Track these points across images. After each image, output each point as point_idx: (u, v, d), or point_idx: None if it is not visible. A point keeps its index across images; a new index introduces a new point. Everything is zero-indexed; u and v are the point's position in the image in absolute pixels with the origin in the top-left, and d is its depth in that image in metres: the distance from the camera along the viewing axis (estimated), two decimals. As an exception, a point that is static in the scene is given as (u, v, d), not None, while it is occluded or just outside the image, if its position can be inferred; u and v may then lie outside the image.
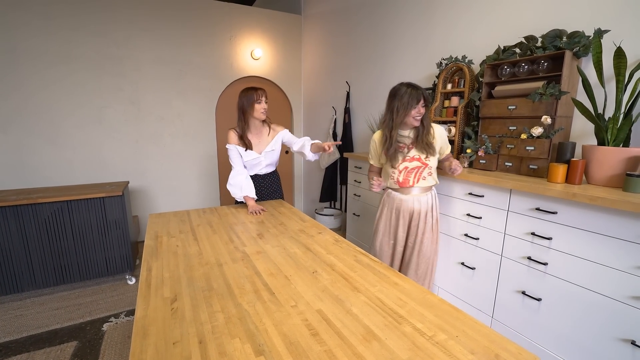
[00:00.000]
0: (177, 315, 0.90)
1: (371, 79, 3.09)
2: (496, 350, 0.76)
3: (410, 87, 1.61)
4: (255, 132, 2.01)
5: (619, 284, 1.18)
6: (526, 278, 1.48)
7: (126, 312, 2.30)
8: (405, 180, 1.70)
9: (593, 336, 1.27)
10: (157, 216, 1.83)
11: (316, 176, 4.23)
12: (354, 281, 1.10)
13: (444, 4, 2.28)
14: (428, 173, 1.69)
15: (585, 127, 1.56)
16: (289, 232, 1.59)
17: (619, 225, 1.17)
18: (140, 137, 3.46)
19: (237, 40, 3.80)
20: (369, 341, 0.80)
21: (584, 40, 1.46)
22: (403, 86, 1.63)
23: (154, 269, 1.18)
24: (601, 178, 1.36)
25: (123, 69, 3.28)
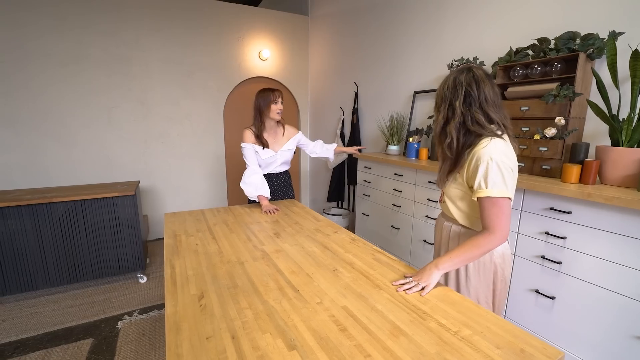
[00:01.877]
0: (206, 311, 0.93)
1: (380, 79, 3.11)
2: (521, 345, 0.79)
3: None
4: (270, 132, 2.05)
5: (633, 282, 1.20)
6: (540, 277, 1.50)
7: (139, 310, 2.32)
8: None
9: (606, 333, 1.29)
10: (172, 215, 1.85)
11: (322, 176, 4.25)
12: (374, 279, 1.12)
13: (454, 5, 2.30)
14: None
15: (598, 128, 1.58)
16: (305, 231, 1.61)
17: (634, 225, 1.19)
18: (148, 137, 3.49)
19: (245, 41, 3.83)
20: (397, 336, 0.82)
21: (598, 43, 1.48)
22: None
23: (177, 267, 1.21)
24: (615, 178, 1.38)
25: (132, 68, 3.31)
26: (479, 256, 1.05)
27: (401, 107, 2.87)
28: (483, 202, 1.02)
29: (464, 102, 1.06)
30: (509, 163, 1.02)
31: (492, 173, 0.99)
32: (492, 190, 0.99)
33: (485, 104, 1.05)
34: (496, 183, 0.99)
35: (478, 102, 1.05)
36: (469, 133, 1.07)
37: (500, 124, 1.07)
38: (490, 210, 1.01)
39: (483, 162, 1.01)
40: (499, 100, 1.09)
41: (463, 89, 1.06)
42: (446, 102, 1.10)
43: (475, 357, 0.74)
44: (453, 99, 1.08)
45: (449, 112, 1.09)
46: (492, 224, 1.01)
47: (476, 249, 1.02)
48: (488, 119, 1.06)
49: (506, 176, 1.00)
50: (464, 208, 1.16)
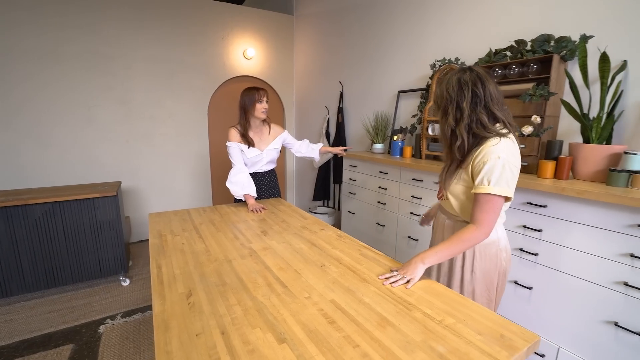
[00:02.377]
0: (195, 309, 0.92)
1: (364, 79, 3.15)
2: (500, 331, 0.82)
3: None
4: (256, 131, 2.05)
5: (603, 271, 1.27)
6: (518, 268, 1.56)
7: (122, 314, 2.27)
8: None
9: (580, 320, 1.36)
10: (157, 215, 1.82)
11: (308, 175, 4.27)
12: (361, 273, 1.14)
13: (435, 7, 2.36)
14: None
15: (571, 126, 1.66)
16: (292, 228, 1.62)
17: (604, 217, 1.26)
18: (131, 137, 3.41)
19: (229, 39, 3.79)
20: (384, 327, 0.84)
21: (570, 45, 1.56)
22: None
23: (164, 266, 1.20)
24: (587, 173, 1.46)
25: (113, 67, 3.23)
26: (462, 250, 1.08)
27: (386, 106, 2.92)
28: (480, 197, 1.03)
29: (471, 103, 1.04)
30: (515, 163, 1.03)
31: (497, 171, 1.00)
32: (494, 188, 1.00)
33: (491, 102, 1.05)
34: (499, 181, 1.00)
35: (484, 101, 1.04)
36: (474, 135, 1.07)
37: (506, 122, 1.07)
38: (484, 206, 1.03)
39: (490, 159, 1.01)
40: (502, 97, 1.09)
41: (469, 89, 1.04)
42: (453, 104, 1.07)
43: (459, 343, 0.78)
44: (460, 100, 1.06)
45: (457, 113, 1.07)
46: (480, 219, 1.03)
47: (461, 243, 1.05)
48: (493, 117, 1.06)
49: (509, 176, 1.01)
50: (467, 203, 1.14)
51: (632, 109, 1.48)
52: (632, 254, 1.19)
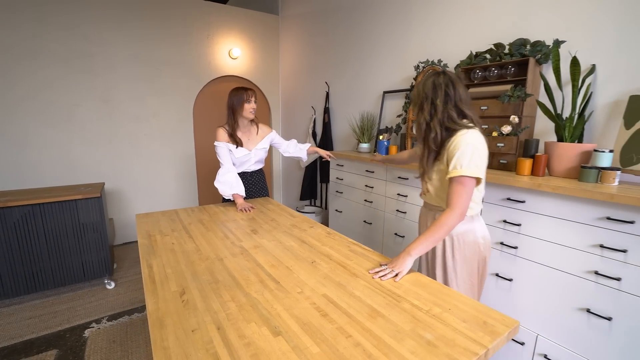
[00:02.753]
0: (189, 306, 0.94)
1: (350, 79, 3.20)
2: (483, 318, 0.88)
3: None
4: (244, 131, 2.06)
5: (576, 261, 1.35)
6: (499, 261, 1.64)
7: (108, 317, 2.23)
8: None
9: (556, 308, 1.44)
10: (144, 216, 1.81)
11: (295, 175, 4.29)
12: (351, 268, 1.18)
13: (419, 10, 2.43)
14: None
15: (546, 126, 1.76)
16: (282, 227, 1.64)
17: (576, 210, 1.34)
18: (114, 137, 3.34)
19: (214, 39, 3.77)
20: (375, 318, 0.88)
21: (544, 49, 1.65)
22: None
23: (155, 266, 1.20)
24: (561, 170, 1.55)
25: (94, 65, 3.15)
26: (443, 235, 1.16)
27: (371, 106, 2.97)
28: (452, 181, 1.15)
29: (443, 101, 1.20)
30: (482, 149, 1.16)
31: (467, 156, 1.12)
32: (465, 170, 1.12)
33: (460, 102, 1.21)
34: (469, 165, 1.12)
35: (454, 100, 1.20)
36: (446, 129, 1.21)
37: (473, 119, 1.22)
38: (456, 188, 1.14)
39: (461, 146, 1.14)
40: (469, 99, 1.25)
41: (442, 90, 1.20)
42: (428, 101, 1.22)
43: (445, 331, 0.82)
44: (434, 97, 1.21)
45: (432, 109, 1.22)
46: (454, 202, 1.14)
47: (440, 228, 1.14)
48: (462, 114, 1.21)
49: (478, 160, 1.13)
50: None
51: (601, 109, 1.58)
52: (602, 245, 1.27)
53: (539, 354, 1.51)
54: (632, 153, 1.38)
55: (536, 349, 1.52)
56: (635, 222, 1.19)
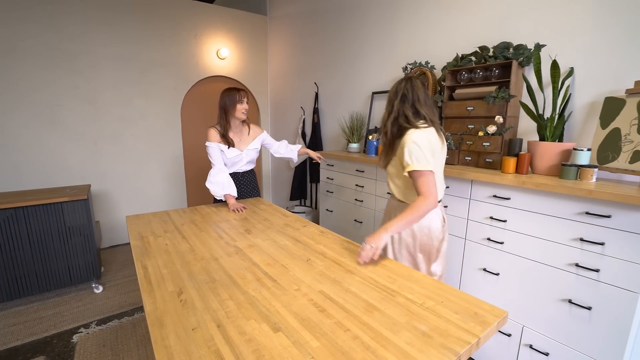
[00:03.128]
0: (187, 305, 0.94)
1: (340, 80, 3.23)
2: (474, 310, 0.92)
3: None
4: (236, 131, 2.06)
5: (559, 255, 1.42)
6: (486, 257, 1.70)
7: (97, 322, 2.19)
8: None
9: (540, 300, 1.51)
10: (135, 218, 1.79)
11: (284, 175, 4.29)
12: (346, 265, 1.21)
13: (406, 12, 2.48)
14: None
15: (529, 126, 1.83)
16: (275, 226, 1.66)
17: (558, 206, 1.41)
18: (99, 138, 3.27)
19: (202, 39, 3.74)
20: (371, 312, 0.91)
21: (526, 52, 1.72)
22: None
23: (150, 267, 1.19)
24: (543, 168, 1.62)
25: (78, 65, 3.08)
26: (419, 218, 1.30)
27: (360, 106, 3.01)
28: (412, 175, 1.32)
29: (399, 101, 1.39)
30: (427, 144, 1.32)
31: (415, 152, 1.30)
32: (417, 165, 1.29)
33: (417, 102, 1.38)
34: (419, 159, 1.29)
35: (411, 100, 1.38)
36: (399, 127, 1.39)
37: (428, 119, 1.39)
38: (419, 180, 1.30)
39: (407, 145, 1.32)
40: (430, 102, 1.43)
41: (402, 92, 1.40)
42: (390, 102, 1.43)
43: (439, 322, 0.86)
44: (394, 99, 1.41)
45: (389, 108, 1.43)
46: (423, 191, 1.29)
47: (415, 212, 1.27)
48: (417, 114, 1.39)
49: (426, 154, 1.30)
50: (399, 184, 1.49)
51: (579, 110, 1.66)
52: (582, 238, 1.34)
53: (525, 344, 1.57)
54: (607, 151, 1.45)
55: (522, 339, 1.58)
56: (612, 216, 1.26)
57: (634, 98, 1.39)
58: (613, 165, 1.42)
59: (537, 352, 1.52)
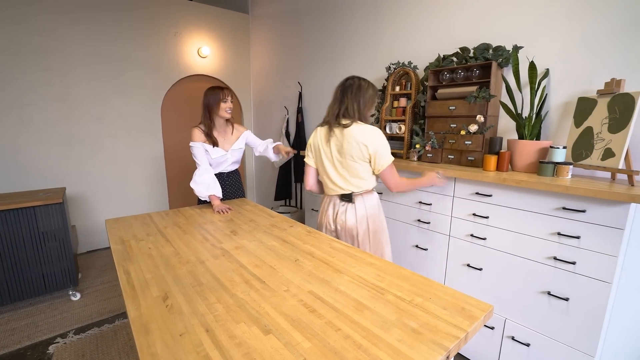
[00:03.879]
0: (174, 310, 0.92)
1: (323, 79, 3.23)
2: (461, 305, 0.94)
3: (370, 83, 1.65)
4: (220, 131, 2.03)
5: (538, 249, 1.48)
6: (470, 252, 1.74)
7: (75, 330, 2.10)
8: None
9: (521, 292, 1.56)
10: (115, 221, 1.72)
11: (268, 175, 4.26)
12: (334, 265, 1.21)
13: (388, 13, 2.51)
14: None
15: (508, 125, 1.89)
16: (261, 227, 1.64)
17: (537, 202, 1.46)
18: (73, 139, 3.13)
19: (182, 37, 3.65)
20: (361, 310, 0.91)
21: (505, 54, 1.78)
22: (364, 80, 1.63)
23: (132, 272, 1.15)
24: (522, 165, 1.67)
25: (49, 62, 2.94)
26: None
27: (344, 106, 3.02)
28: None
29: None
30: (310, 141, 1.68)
31: None
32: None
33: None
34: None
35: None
36: None
37: (324, 119, 1.64)
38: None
39: None
40: (332, 103, 1.62)
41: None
42: None
43: (428, 318, 0.87)
44: None
45: None
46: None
47: None
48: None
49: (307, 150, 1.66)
50: None
51: (555, 109, 1.73)
52: (559, 232, 1.40)
53: (507, 336, 1.62)
54: (581, 149, 1.52)
55: (505, 332, 1.64)
56: (586, 210, 1.32)
57: (605, 98, 1.46)
58: (586, 162, 1.49)
59: (519, 343, 1.58)
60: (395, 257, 2.14)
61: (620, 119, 1.38)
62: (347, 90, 1.56)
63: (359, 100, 1.56)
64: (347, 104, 1.55)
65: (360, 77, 1.61)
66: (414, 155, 2.10)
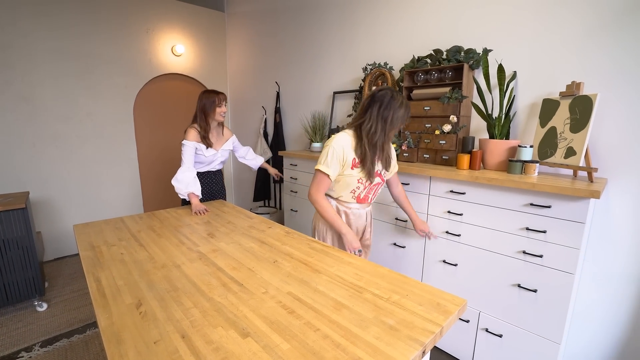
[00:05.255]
0: (148, 317, 0.89)
1: (301, 79, 3.23)
2: (437, 300, 0.97)
3: (404, 99, 1.43)
4: (213, 132, 2.14)
5: (509, 243, 1.55)
6: (445, 249, 1.80)
7: (42, 343, 1.99)
8: (365, 197, 1.55)
9: (494, 287, 1.63)
10: (84, 226, 1.65)
11: (247, 176, 4.20)
12: (313, 265, 1.21)
13: (364, 14, 2.54)
14: (380, 190, 1.63)
15: (480, 124, 1.97)
16: (239, 229, 1.62)
17: (507, 199, 1.53)
18: (38, 140, 2.96)
19: (155, 34, 3.53)
20: (340, 310, 0.92)
21: (476, 56, 1.84)
22: (397, 95, 1.42)
23: (103, 279, 1.11)
24: (493, 164, 1.74)
25: (9, 58, 2.76)
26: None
27: (322, 106, 3.04)
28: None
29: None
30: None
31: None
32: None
33: None
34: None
35: None
36: None
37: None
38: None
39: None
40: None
41: None
42: None
43: (405, 315, 0.89)
44: None
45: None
46: None
47: None
48: None
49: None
50: None
51: (522, 110, 1.81)
52: (527, 227, 1.47)
53: (482, 328, 1.69)
54: (546, 148, 1.60)
55: (479, 324, 1.70)
56: (551, 206, 1.39)
57: (566, 100, 1.54)
58: (551, 160, 1.57)
59: (492, 334, 1.64)
60: (375, 255, 2.18)
61: (581, 119, 1.46)
62: (373, 104, 1.40)
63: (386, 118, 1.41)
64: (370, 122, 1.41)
65: (394, 90, 1.45)
66: (391, 154, 2.14)
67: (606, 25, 1.51)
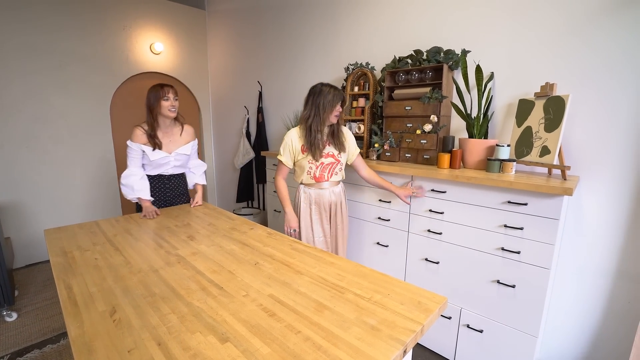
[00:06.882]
0: (122, 325, 0.85)
1: (283, 79, 3.20)
2: (418, 299, 0.97)
3: (333, 87, 1.73)
4: (165, 131, 1.90)
5: (488, 241, 1.58)
6: (427, 247, 1.82)
7: (11, 355, 1.89)
8: (321, 175, 1.81)
9: (474, 283, 1.66)
10: (56, 231, 1.57)
11: (230, 176, 4.14)
12: (295, 266, 1.20)
13: (346, 12, 2.55)
14: (339, 169, 1.85)
15: (459, 124, 2.00)
16: (220, 231, 1.58)
17: (486, 197, 1.56)
18: (7, 142, 2.82)
19: (132, 31, 3.43)
20: (321, 311, 0.91)
21: (455, 57, 1.87)
22: (326, 86, 1.72)
23: (75, 286, 1.06)
24: (472, 163, 1.78)
25: (-26, 55, 2.62)
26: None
27: (306, 106, 3.02)
28: (359, 156, 1.93)
29: None
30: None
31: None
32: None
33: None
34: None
35: None
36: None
37: None
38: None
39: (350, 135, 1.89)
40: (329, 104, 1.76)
41: None
42: None
43: (386, 315, 0.89)
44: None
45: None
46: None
47: None
48: None
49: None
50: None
51: (499, 110, 1.86)
52: (505, 225, 1.51)
53: (463, 324, 1.72)
54: (523, 147, 1.65)
55: (461, 320, 1.73)
56: (528, 203, 1.43)
57: (541, 100, 1.59)
58: (527, 159, 1.62)
59: (474, 330, 1.68)
60: (358, 254, 2.18)
61: (554, 119, 1.51)
62: (309, 96, 1.76)
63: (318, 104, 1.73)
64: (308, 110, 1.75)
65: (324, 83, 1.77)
66: (373, 154, 2.15)
67: (577, 27, 1.57)
